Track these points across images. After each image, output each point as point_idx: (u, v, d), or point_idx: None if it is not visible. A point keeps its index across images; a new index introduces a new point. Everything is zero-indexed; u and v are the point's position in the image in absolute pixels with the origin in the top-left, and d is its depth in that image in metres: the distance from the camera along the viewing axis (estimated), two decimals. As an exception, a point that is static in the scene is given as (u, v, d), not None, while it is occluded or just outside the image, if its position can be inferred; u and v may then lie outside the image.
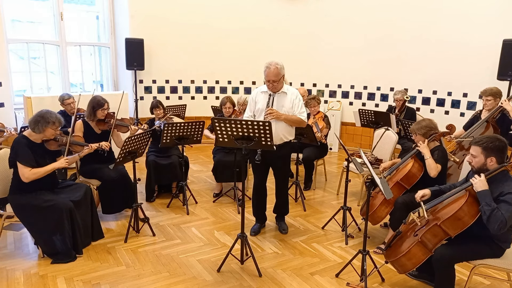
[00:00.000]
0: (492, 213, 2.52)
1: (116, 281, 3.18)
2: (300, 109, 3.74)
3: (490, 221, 2.54)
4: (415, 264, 2.85)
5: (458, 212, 2.65)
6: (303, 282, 3.23)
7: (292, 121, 3.72)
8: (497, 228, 2.52)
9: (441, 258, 2.74)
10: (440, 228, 2.73)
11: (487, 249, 2.76)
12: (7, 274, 3.24)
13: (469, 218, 2.65)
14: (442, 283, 2.82)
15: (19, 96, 6.42)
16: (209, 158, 6.33)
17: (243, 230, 3.40)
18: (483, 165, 2.72)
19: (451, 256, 2.75)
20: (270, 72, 3.59)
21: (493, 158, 2.68)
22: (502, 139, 2.72)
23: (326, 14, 7.29)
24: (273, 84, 3.63)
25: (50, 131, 3.44)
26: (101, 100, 4.22)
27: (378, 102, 7.31)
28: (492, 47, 5.75)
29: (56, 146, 3.57)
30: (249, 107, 3.87)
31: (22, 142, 3.38)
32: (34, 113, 3.45)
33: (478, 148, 2.71)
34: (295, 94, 3.76)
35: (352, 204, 4.84)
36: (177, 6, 7.31)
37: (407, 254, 2.85)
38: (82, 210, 3.61)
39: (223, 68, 7.77)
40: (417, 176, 3.55)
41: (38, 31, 6.84)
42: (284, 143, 3.79)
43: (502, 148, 2.68)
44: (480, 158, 2.71)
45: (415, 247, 2.83)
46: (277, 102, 3.69)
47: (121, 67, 7.39)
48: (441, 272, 2.78)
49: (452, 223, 2.68)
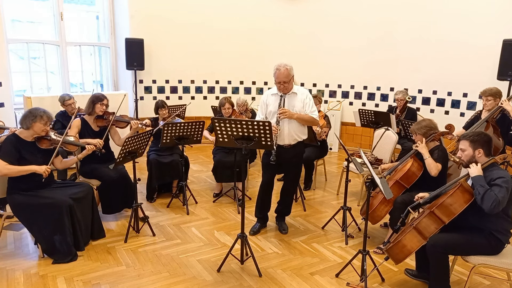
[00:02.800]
0: (486, 193, 2.64)
1: (116, 281, 3.18)
2: (311, 108, 3.80)
3: (484, 200, 2.64)
4: (410, 251, 2.91)
5: (450, 198, 2.78)
6: (303, 282, 3.23)
7: (304, 120, 3.77)
8: (491, 207, 2.61)
9: (434, 244, 2.81)
10: (434, 215, 2.83)
11: (484, 243, 2.79)
12: (7, 274, 3.24)
13: (461, 204, 2.76)
14: (436, 273, 2.85)
15: (19, 96, 6.42)
16: (209, 158, 6.33)
17: (243, 230, 3.40)
18: (471, 158, 2.87)
19: (445, 242, 2.80)
20: (281, 73, 3.62)
21: (481, 150, 2.84)
22: (487, 134, 2.92)
23: (326, 14, 7.29)
24: (284, 85, 3.67)
25: (39, 126, 3.37)
26: (101, 96, 4.23)
27: (378, 102, 7.31)
28: (492, 47, 5.75)
29: (48, 145, 3.49)
30: (261, 110, 3.90)
31: (9, 139, 3.37)
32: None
33: (466, 141, 2.89)
34: (305, 94, 3.81)
35: (352, 204, 4.84)
36: (177, 6, 7.31)
37: (402, 241, 2.91)
38: (82, 207, 3.60)
39: (223, 68, 7.77)
40: (417, 175, 3.56)
41: (38, 31, 6.84)
42: (298, 142, 3.83)
43: (488, 141, 2.85)
44: (469, 151, 2.87)
45: (410, 233, 2.90)
46: (288, 103, 3.74)
47: (121, 67, 7.39)
48: (434, 260, 2.82)
49: (444, 209, 2.79)
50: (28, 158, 3.37)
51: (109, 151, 4.33)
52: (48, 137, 3.49)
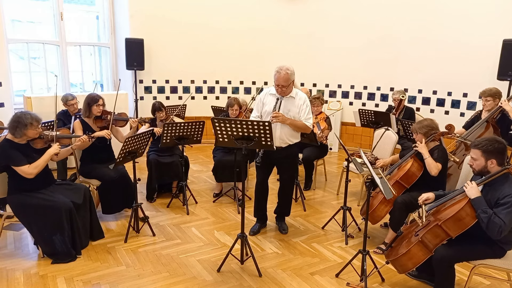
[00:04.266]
0: (490, 220, 2.54)
1: (116, 281, 3.18)
2: (306, 115, 3.73)
3: (489, 228, 2.56)
4: (415, 264, 2.85)
5: (460, 213, 2.66)
6: (303, 282, 3.23)
7: (297, 126, 3.72)
8: (497, 233, 2.53)
9: (441, 259, 2.75)
10: (441, 229, 2.73)
11: (488, 250, 2.76)
12: (7, 274, 3.24)
13: (470, 219, 2.65)
14: (442, 283, 2.82)
15: (19, 96, 6.42)
16: (209, 158, 6.33)
17: (243, 230, 3.41)
18: (484, 168, 2.72)
19: (451, 256, 2.75)
20: (280, 77, 3.58)
21: (494, 161, 2.68)
22: (501, 141, 2.72)
23: (326, 14, 7.29)
24: (282, 89, 3.64)
25: (31, 132, 3.36)
26: (96, 96, 4.21)
27: (378, 102, 7.31)
28: (492, 47, 5.75)
29: (42, 144, 3.49)
30: (256, 108, 3.88)
31: (6, 146, 3.32)
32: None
33: (478, 151, 2.71)
34: (302, 100, 3.74)
35: (352, 204, 4.84)
36: (177, 6, 7.31)
37: (408, 254, 2.85)
38: (81, 212, 3.61)
39: (223, 68, 7.77)
40: (417, 175, 3.55)
41: (38, 31, 6.84)
42: (289, 145, 3.80)
43: (502, 150, 2.68)
44: (481, 161, 2.71)
45: (415, 246, 2.83)
46: (284, 106, 3.69)
47: (121, 67, 7.39)
48: (441, 273, 2.79)
49: (453, 223, 2.69)
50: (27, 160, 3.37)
51: (109, 151, 4.33)
52: (42, 136, 3.48)
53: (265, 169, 3.93)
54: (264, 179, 3.98)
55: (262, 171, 3.94)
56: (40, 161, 3.37)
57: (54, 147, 3.47)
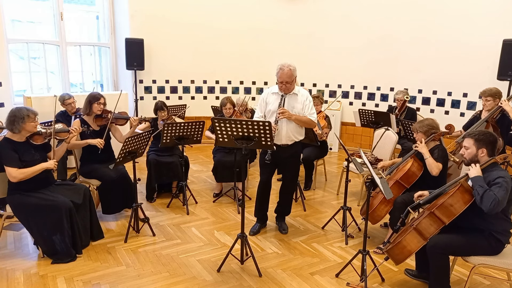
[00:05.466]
0: (485, 193, 2.63)
1: (116, 281, 3.18)
2: (310, 110, 3.81)
3: (483, 200, 2.63)
4: (410, 252, 2.90)
5: (450, 199, 2.77)
6: (303, 282, 3.23)
7: (302, 121, 3.77)
8: (491, 206, 2.60)
9: (435, 245, 2.80)
10: (434, 215, 2.81)
11: (484, 243, 2.79)
12: (7, 274, 3.24)
13: (461, 204, 2.75)
14: (436, 273, 2.84)
15: (19, 96, 6.42)
16: (209, 158, 6.33)
17: (243, 230, 3.41)
18: (474, 156, 2.85)
19: (444, 243, 2.80)
20: (284, 73, 3.63)
21: (484, 150, 2.81)
22: (494, 134, 2.88)
23: (326, 14, 7.29)
24: (286, 86, 3.68)
25: (30, 125, 3.33)
26: (97, 95, 4.21)
27: (378, 102, 7.31)
28: (492, 47, 5.75)
29: (42, 140, 3.47)
30: (260, 108, 3.90)
31: (5, 145, 3.31)
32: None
33: (471, 140, 2.86)
34: (305, 96, 3.81)
35: (352, 204, 4.84)
36: (177, 6, 7.31)
37: (403, 242, 2.91)
38: (81, 212, 3.60)
39: (223, 68, 7.77)
40: (417, 175, 3.56)
41: (38, 31, 6.84)
42: (294, 142, 3.83)
43: (493, 141, 2.83)
44: (472, 149, 2.85)
45: (410, 234, 2.89)
46: (288, 103, 3.74)
47: (121, 67, 7.39)
48: (435, 263, 2.82)
49: (445, 209, 2.79)
50: (26, 159, 3.35)
51: (109, 150, 4.33)
52: (40, 131, 3.46)
53: (269, 169, 3.94)
54: (268, 178, 3.98)
55: (267, 170, 3.94)
56: (29, 169, 3.30)
57: (49, 163, 3.40)
